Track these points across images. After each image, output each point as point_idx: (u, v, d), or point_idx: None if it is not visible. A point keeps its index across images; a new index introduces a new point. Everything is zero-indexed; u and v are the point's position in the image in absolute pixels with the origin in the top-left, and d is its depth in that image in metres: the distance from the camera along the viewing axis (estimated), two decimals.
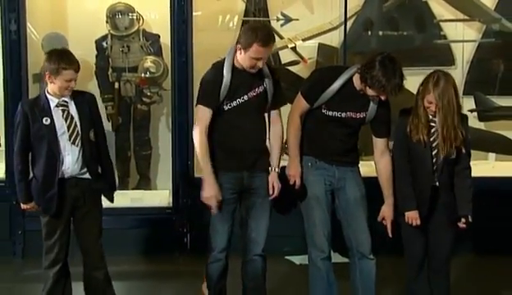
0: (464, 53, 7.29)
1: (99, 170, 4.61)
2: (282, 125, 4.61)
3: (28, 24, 6.22)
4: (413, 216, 4.53)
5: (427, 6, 7.24)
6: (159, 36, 6.86)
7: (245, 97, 4.44)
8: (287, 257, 6.08)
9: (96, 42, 6.87)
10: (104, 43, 6.85)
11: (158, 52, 6.85)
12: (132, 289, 5.31)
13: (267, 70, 4.50)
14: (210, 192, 4.43)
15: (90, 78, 7.01)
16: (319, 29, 6.93)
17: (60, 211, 4.48)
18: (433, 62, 6.70)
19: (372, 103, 4.52)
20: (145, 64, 6.76)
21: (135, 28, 6.85)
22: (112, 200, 4.71)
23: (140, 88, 6.82)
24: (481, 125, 7.07)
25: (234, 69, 4.40)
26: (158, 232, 6.40)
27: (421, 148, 4.49)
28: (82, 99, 4.52)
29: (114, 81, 6.89)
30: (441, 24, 7.29)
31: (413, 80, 4.75)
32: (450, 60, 7.20)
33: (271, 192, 4.53)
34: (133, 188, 6.97)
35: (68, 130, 4.40)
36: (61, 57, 4.39)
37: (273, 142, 4.59)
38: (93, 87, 7.01)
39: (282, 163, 4.65)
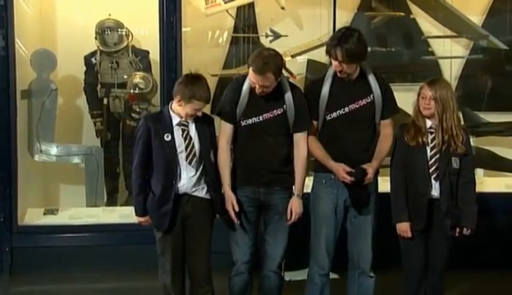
0: (451, 69, 7.27)
1: (217, 192, 4.55)
2: (307, 149, 4.54)
3: (16, 40, 6.19)
4: (403, 229, 4.55)
5: (414, 22, 7.27)
6: (148, 52, 6.85)
7: (260, 118, 4.46)
8: None
9: (85, 58, 6.83)
10: (93, 59, 6.81)
11: (147, 68, 6.82)
12: None
13: (290, 94, 4.48)
14: (227, 202, 4.48)
15: (79, 94, 7.01)
16: (308, 46, 6.90)
17: (171, 228, 4.45)
18: (421, 78, 6.56)
19: (372, 84, 4.53)
20: (134, 80, 6.73)
21: (124, 44, 6.82)
22: (226, 220, 4.58)
23: (129, 104, 6.77)
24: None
25: (252, 88, 4.45)
26: (147, 248, 5.94)
27: (418, 155, 4.48)
28: (202, 120, 4.49)
29: (103, 97, 6.86)
30: (429, 40, 7.30)
31: (401, 96, 4.81)
32: (438, 76, 6.87)
33: (288, 217, 4.51)
34: (122, 205, 6.91)
35: (186, 150, 4.40)
36: (197, 87, 4.34)
37: (296, 166, 4.53)
38: (81, 103, 7.07)
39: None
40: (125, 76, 6.80)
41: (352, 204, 4.59)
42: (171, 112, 4.44)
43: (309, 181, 4.81)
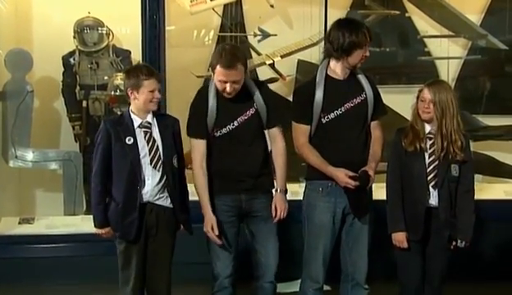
0: (449, 70, 7.29)
1: (180, 200, 4.49)
2: (284, 142, 4.50)
3: None
4: (399, 239, 4.49)
5: (410, 21, 7.32)
6: (130, 52, 6.85)
7: (235, 123, 4.39)
8: None
9: (63, 58, 6.85)
10: (72, 60, 6.82)
11: None
12: None
13: (256, 90, 4.44)
14: (207, 224, 4.39)
15: (57, 96, 7.01)
16: (298, 45, 6.92)
17: (138, 237, 4.38)
18: (417, 80, 6.64)
19: (363, 82, 4.52)
20: (115, 81, 6.63)
21: (105, 43, 6.85)
22: (191, 232, 4.53)
23: (110, 107, 6.69)
24: None
25: (219, 93, 4.37)
26: None
27: (416, 162, 4.44)
28: (166, 123, 4.45)
29: (82, 99, 6.84)
30: (425, 40, 7.36)
31: (396, 98, 5.04)
32: (434, 77, 7.04)
33: (273, 214, 4.42)
34: None
35: (149, 153, 4.31)
36: (139, 70, 4.38)
37: (276, 162, 4.50)
38: (59, 105, 7.07)
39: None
40: (106, 77, 6.80)
41: (352, 211, 4.53)
42: (132, 114, 4.36)
43: (300, 188, 4.76)
